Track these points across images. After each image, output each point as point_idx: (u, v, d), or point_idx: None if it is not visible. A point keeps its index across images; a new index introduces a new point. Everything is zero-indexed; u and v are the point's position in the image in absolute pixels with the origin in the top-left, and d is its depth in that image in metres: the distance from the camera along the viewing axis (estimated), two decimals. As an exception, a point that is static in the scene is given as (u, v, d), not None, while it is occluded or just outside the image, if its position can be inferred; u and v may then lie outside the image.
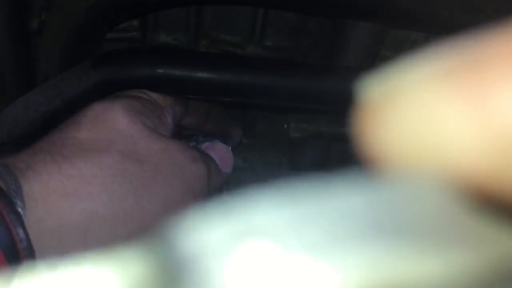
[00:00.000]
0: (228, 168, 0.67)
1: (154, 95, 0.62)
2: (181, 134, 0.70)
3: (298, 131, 0.84)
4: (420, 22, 0.64)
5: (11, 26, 0.74)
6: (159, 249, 0.12)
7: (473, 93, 0.11)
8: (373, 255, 0.10)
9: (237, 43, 0.82)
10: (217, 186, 0.65)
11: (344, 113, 0.82)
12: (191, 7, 0.79)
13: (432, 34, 0.77)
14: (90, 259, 0.12)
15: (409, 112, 0.12)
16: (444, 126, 0.11)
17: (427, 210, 0.11)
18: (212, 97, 0.65)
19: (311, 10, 0.71)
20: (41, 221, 0.46)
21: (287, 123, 0.84)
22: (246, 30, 0.81)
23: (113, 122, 0.54)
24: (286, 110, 0.80)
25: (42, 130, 0.63)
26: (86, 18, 0.64)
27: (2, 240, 0.42)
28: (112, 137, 0.53)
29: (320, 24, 0.82)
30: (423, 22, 0.64)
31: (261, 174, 0.85)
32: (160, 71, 0.61)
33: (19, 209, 0.44)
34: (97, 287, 0.11)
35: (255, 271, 0.10)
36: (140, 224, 0.51)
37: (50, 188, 0.47)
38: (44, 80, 0.68)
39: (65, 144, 0.51)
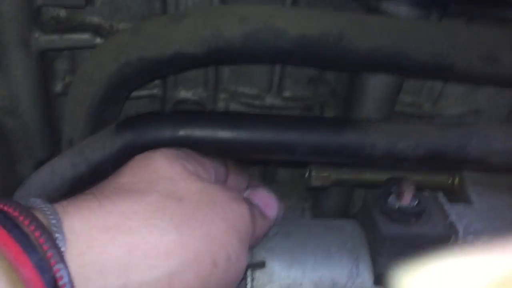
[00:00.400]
0: (273, 212, 0.66)
1: (194, 153, 0.63)
2: None
3: (319, 180, 0.84)
4: (438, 73, 0.64)
5: (37, 88, 0.77)
6: None
7: None
8: None
9: (256, 95, 0.83)
10: (264, 231, 0.65)
11: (366, 164, 0.82)
12: (209, 62, 0.81)
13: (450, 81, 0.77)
14: None
15: None
16: None
17: None
18: (233, 156, 0.65)
19: (330, 67, 0.72)
20: (82, 254, 0.46)
21: (309, 172, 0.84)
22: (264, 82, 0.82)
23: (154, 166, 0.55)
24: (307, 163, 0.81)
25: (68, 196, 0.64)
26: (109, 83, 0.65)
27: (44, 274, 0.42)
28: (152, 179, 0.54)
29: (337, 73, 0.83)
30: (440, 73, 0.64)
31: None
32: (182, 133, 0.62)
33: (60, 243, 0.45)
34: None
35: None
36: (183, 260, 0.49)
37: (91, 223, 0.47)
38: (69, 144, 0.70)
39: (107, 186, 0.53)
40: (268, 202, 0.67)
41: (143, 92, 0.83)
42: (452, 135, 0.63)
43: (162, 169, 0.55)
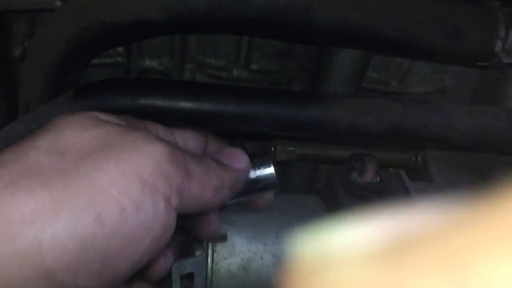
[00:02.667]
0: (240, 163, 0.56)
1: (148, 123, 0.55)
2: None
3: (285, 154, 0.83)
4: (403, 49, 0.64)
5: (-6, 52, 0.74)
6: None
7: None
8: None
9: (223, 66, 0.82)
10: (231, 180, 0.54)
11: (329, 139, 0.81)
12: (175, 31, 0.79)
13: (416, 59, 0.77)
14: None
15: None
16: None
17: None
18: (196, 127, 0.64)
19: (297, 39, 0.70)
20: None
21: (274, 146, 0.84)
22: (232, 54, 0.81)
23: (52, 124, 0.47)
24: (272, 137, 0.80)
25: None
26: (68, 48, 0.63)
27: None
28: (35, 135, 0.45)
29: (305, 47, 0.82)
30: (406, 49, 0.64)
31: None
32: (143, 102, 0.60)
33: None
34: None
35: None
36: (55, 221, 0.40)
37: None
38: (26, 109, 0.67)
39: None
40: (232, 155, 0.57)
41: (107, 60, 0.81)
42: (415, 112, 0.63)
43: (49, 124, 0.47)
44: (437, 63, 0.74)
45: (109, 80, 0.62)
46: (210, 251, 0.71)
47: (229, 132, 0.66)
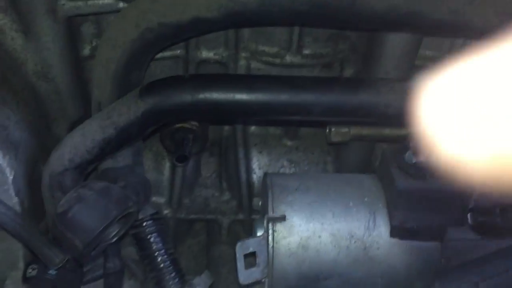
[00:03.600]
0: None
1: None
2: None
3: (339, 136, 0.86)
4: (454, 30, 0.64)
5: (66, 53, 0.80)
6: None
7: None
8: None
9: (276, 53, 0.85)
10: None
11: (381, 123, 0.82)
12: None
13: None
14: None
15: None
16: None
17: None
18: (251, 117, 0.68)
19: (346, 27, 0.72)
20: None
21: (328, 128, 0.86)
22: (284, 40, 0.83)
23: None
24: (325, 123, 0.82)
25: (99, 157, 0.69)
26: (132, 48, 0.68)
27: None
28: None
29: (357, 29, 0.83)
30: (457, 30, 0.64)
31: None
32: (201, 96, 0.65)
33: None
34: None
35: None
36: None
37: None
38: (98, 107, 0.74)
39: None
40: None
41: (167, 53, 0.85)
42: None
43: None
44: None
45: (170, 77, 0.67)
46: (270, 231, 0.76)
47: (283, 120, 0.70)
